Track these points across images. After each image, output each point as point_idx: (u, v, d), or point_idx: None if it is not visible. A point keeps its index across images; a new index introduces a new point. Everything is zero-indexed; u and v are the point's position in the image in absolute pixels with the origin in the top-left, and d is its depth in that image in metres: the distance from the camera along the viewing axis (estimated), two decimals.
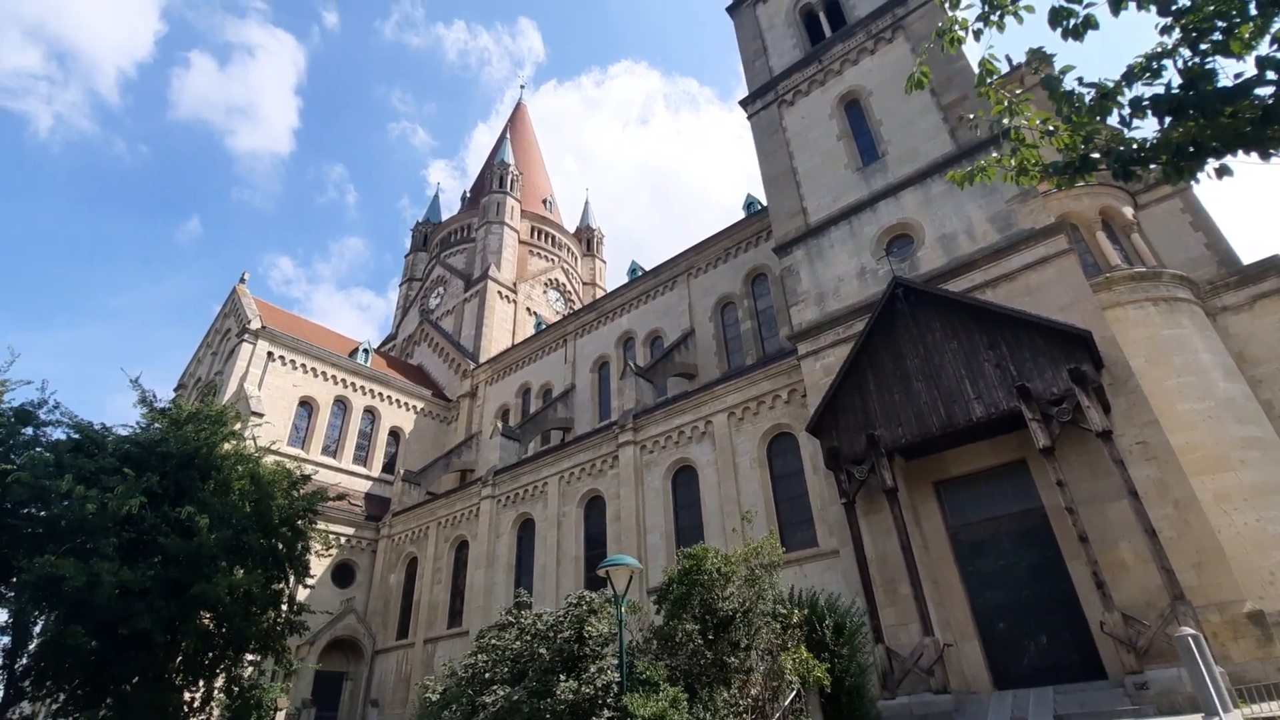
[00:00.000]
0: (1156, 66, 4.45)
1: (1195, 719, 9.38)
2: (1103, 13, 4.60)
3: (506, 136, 58.77)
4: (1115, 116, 4.71)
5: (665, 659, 10.16)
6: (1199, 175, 4.58)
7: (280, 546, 17.62)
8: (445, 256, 52.12)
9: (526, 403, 37.63)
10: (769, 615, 10.60)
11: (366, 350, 38.33)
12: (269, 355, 33.05)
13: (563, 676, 9.35)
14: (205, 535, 14.98)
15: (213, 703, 16.33)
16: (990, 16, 5.11)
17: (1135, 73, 4.52)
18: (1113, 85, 4.64)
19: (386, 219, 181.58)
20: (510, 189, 52.38)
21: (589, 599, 10.90)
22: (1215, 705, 8.96)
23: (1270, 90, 4.14)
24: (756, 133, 24.54)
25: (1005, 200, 17.13)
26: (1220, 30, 4.23)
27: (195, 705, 16.10)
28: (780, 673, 10.12)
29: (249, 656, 17.12)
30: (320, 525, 20.55)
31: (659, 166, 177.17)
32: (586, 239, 61.16)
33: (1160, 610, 11.60)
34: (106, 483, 14.68)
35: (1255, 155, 4.32)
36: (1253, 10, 4.23)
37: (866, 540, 15.22)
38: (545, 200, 58.17)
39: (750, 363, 26.42)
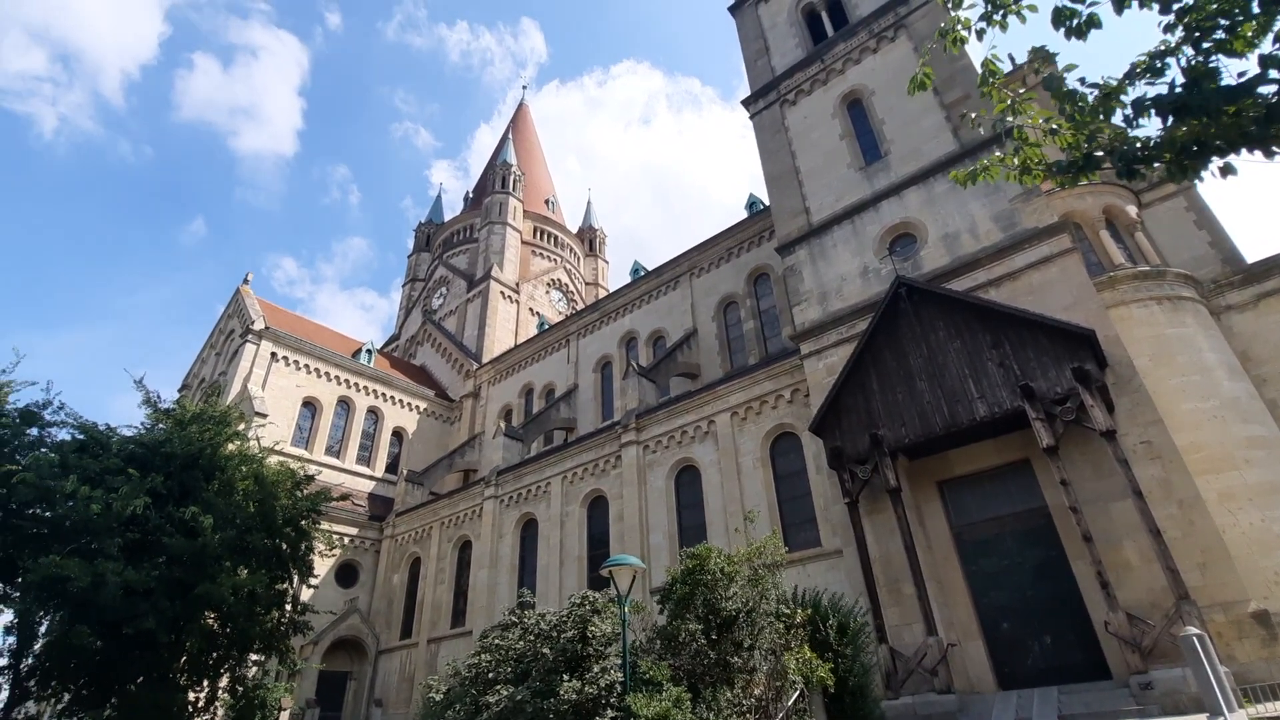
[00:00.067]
0: (1159, 65, 4.44)
1: (1200, 719, 9.36)
2: (1105, 11, 4.60)
3: (509, 137, 58.80)
4: (1119, 116, 4.70)
5: (669, 659, 10.16)
6: (1203, 174, 4.56)
7: (284, 547, 17.68)
8: (448, 257, 52.21)
9: (529, 403, 37.67)
10: (772, 615, 10.59)
11: (370, 351, 38.40)
12: (272, 356, 33.14)
13: (566, 676, 9.37)
14: (209, 535, 15.03)
15: (217, 702, 16.38)
16: (993, 16, 5.10)
17: (1138, 72, 4.51)
18: (1115, 84, 4.64)
19: (389, 219, 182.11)
20: (513, 189, 52.43)
21: (592, 599, 10.92)
22: (1220, 705, 8.93)
23: (1274, 89, 4.13)
24: (759, 132, 24.52)
25: (1008, 199, 17.09)
26: (1223, 29, 4.22)
27: (200, 705, 16.15)
28: (784, 673, 10.11)
29: (253, 656, 17.16)
30: (324, 525, 20.65)
31: (661, 166, 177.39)
32: (589, 239, 61.18)
33: (1165, 610, 11.57)
34: (111, 483, 14.74)
35: (1259, 153, 4.30)
36: (1255, 8, 4.22)
37: (870, 540, 15.21)
38: (548, 200, 58.22)
39: (753, 362, 26.41)
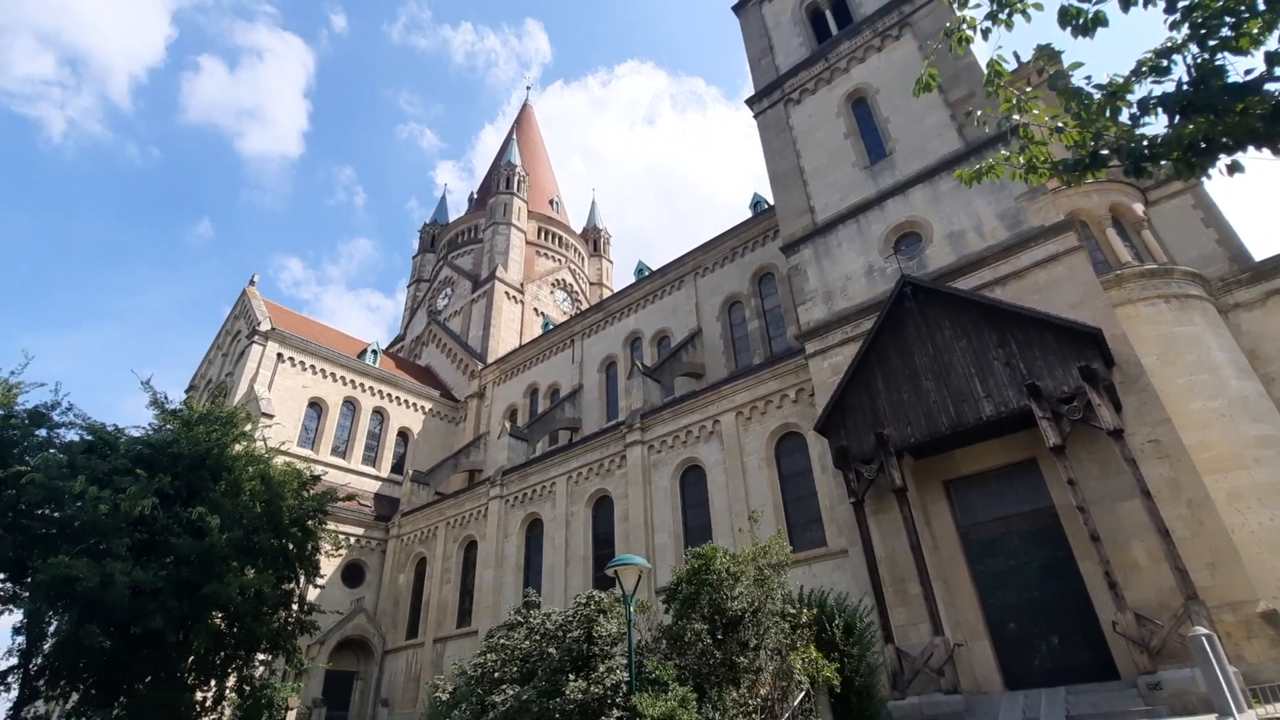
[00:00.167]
0: (1165, 63, 4.41)
1: (1209, 719, 9.31)
2: (1111, 9, 4.58)
3: (513, 137, 58.88)
4: (1125, 114, 4.68)
5: (674, 658, 10.14)
6: (1210, 171, 4.54)
7: (290, 547, 17.75)
8: (453, 257, 52.32)
9: (534, 403, 37.71)
10: (778, 615, 10.56)
11: (375, 351, 38.51)
12: (279, 356, 33.27)
13: (572, 676, 9.36)
14: (216, 535, 15.10)
15: (224, 702, 16.45)
16: (998, 15, 5.09)
17: (1144, 69, 4.49)
18: (1121, 82, 4.61)
19: (395, 220, 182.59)
20: (517, 190, 52.50)
21: (597, 599, 10.91)
22: (1229, 706, 8.89)
23: None
24: (763, 131, 24.49)
25: (1014, 197, 17.03)
26: (1229, 26, 4.20)
27: (207, 704, 16.22)
28: (789, 672, 10.09)
29: (260, 656, 17.22)
30: (330, 525, 20.72)
31: (666, 166, 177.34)
32: (593, 239, 61.21)
33: (1173, 610, 11.52)
34: (119, 484, 14.82)
35: (1267, 151, 4.28)
36: (1261, 5, 4.20)
37: (876, 540, 15.18)
38: (552, 201, 58.26)
39: (758, 362, 26.39)
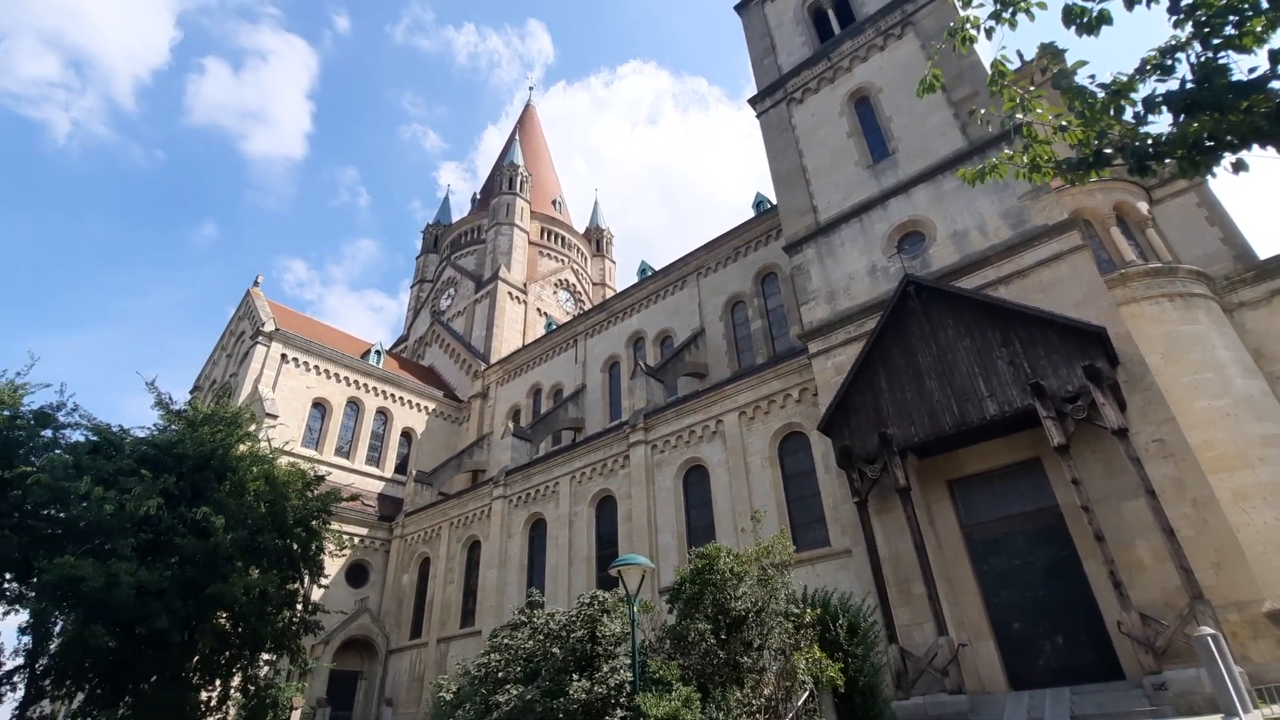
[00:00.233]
0: (1169, 62, 4.40)
1: (1215, 719, 9.28)
2: (1114, 7, 4.57)
3: (516, 138, 58.92)
4: (1129, 112, 4.67)
5: (678, 658, 10.14)
6: (1215, 169, 4.53)
7: (295, 547, 17.78)
8: (456, 258, 52.38)
9: (537, 403, 37.73)
10: (781, 615, 10.54)
11: (379, 352, 38.57)
12: (283, 357, 33.35)
13: (575, 676, 9.37)
14: (221, 536, 15.13)
15: (229, 702, 16.50)
16: (1002, 14, 5.07)
17: (1148, 68, 4.48)
18: (1125, 81, 4.60)
19: (398, 221, 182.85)
20: (520, 190, 52.54)
21: (601, 598, 10.91)
22: (1235, 706, 8.86)
23: None
24: (766, 131, 24.48)
25: (1018, 196, 16.99)
26: (1232, 24, 4.18)
27: (212, 704, 16.27)
28: (793, 672, 10.08)
29: (265, 656, 17.27)
30: (334, 525, 20.72)
31: (668, 166, 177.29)
32: (596, 239, 61.22)
33: (1179, 610, 11.48)
34: (124, 484, 14.86)
35: (1272, 149, 4.27)
36: (1264, 4, 4.18)
37: (879, 539, 15.17)
38: (555, 201, 58.29)
39: (761, 362, 26.37)
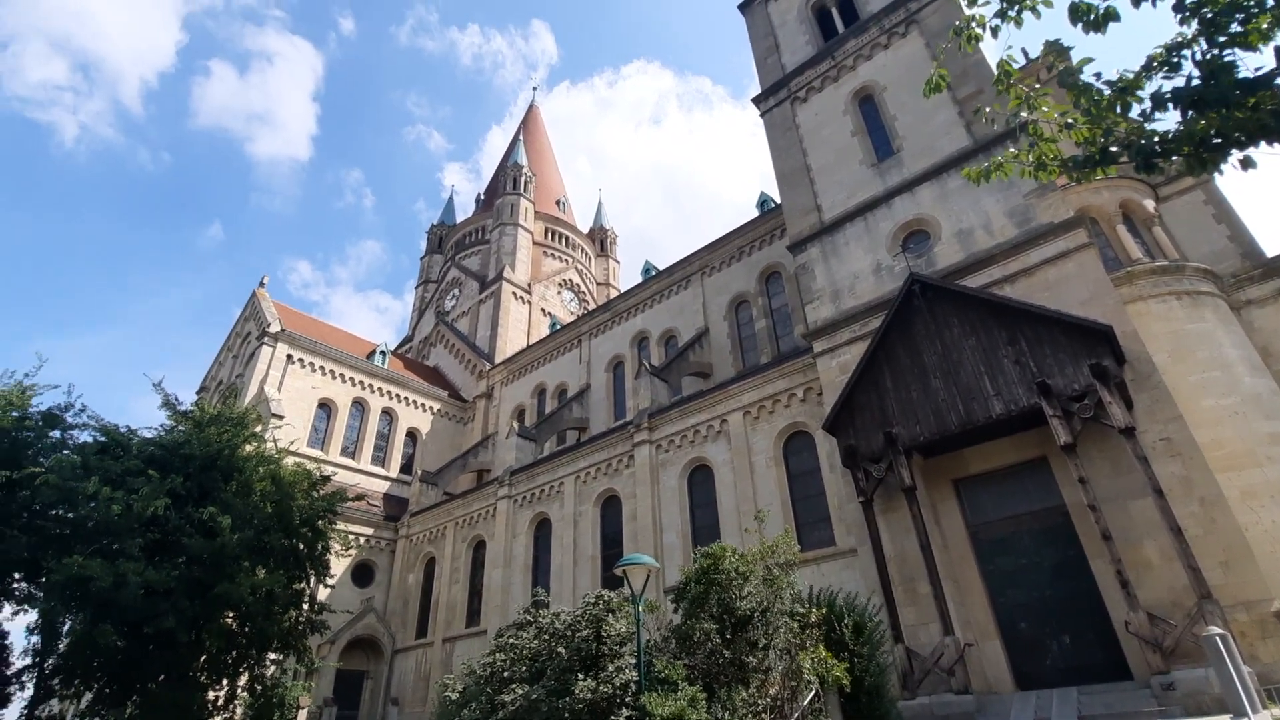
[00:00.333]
0: (1175, 59, 4.38)
1: (1224, 719, 9.23)
2: (1121, 4, 4.55)
3: (520, 138, 58.98)
4: (1135, 110, 4.65)
5: (683, 658, 10.14)
6: (1222, 167, 4.51)
7: (301, 547, 17.85)
8: (460, 258, 52.45)
9: (542, 403, 37.77)
10: (787, 614, 10.53)
11: (383, 352, 38.68)
12: (288, 358, 33.45)
13: (581, 675, 9.37)
14: (228, 536, 15.20)
15: (236, 701, 16.57)
16: (1008, 12, 5.06)
17: (1154, 65, 4.46)
18: (1131, 78, 4.58)
19: (403, 222, 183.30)
20: (524, 190, 52.59)
21: (606, 598, 10.92)
22: (1244, 706, 8.81)
23: None
24: (769, 130, 24.44)
25: (1023, 194, 16.92)
26: (1238, 22, 4.16)
27: (219, 704, 16.34)
28: (799, 672, 10.06)
29: (271, 655, 17.34)
30: (340, 525, 20.80)
31: (672, 166, 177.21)
32: (600, 239, 61.23)
33: (1186, 609, 11.42)
34: (132, 484, 14.95)
35: (1279, 146, 4.25)
36: (1270, 1, 4.16)
37: (885, 539, 15.13)
38: (559, 201, 58.32)
39: (765, 361, 26.32)
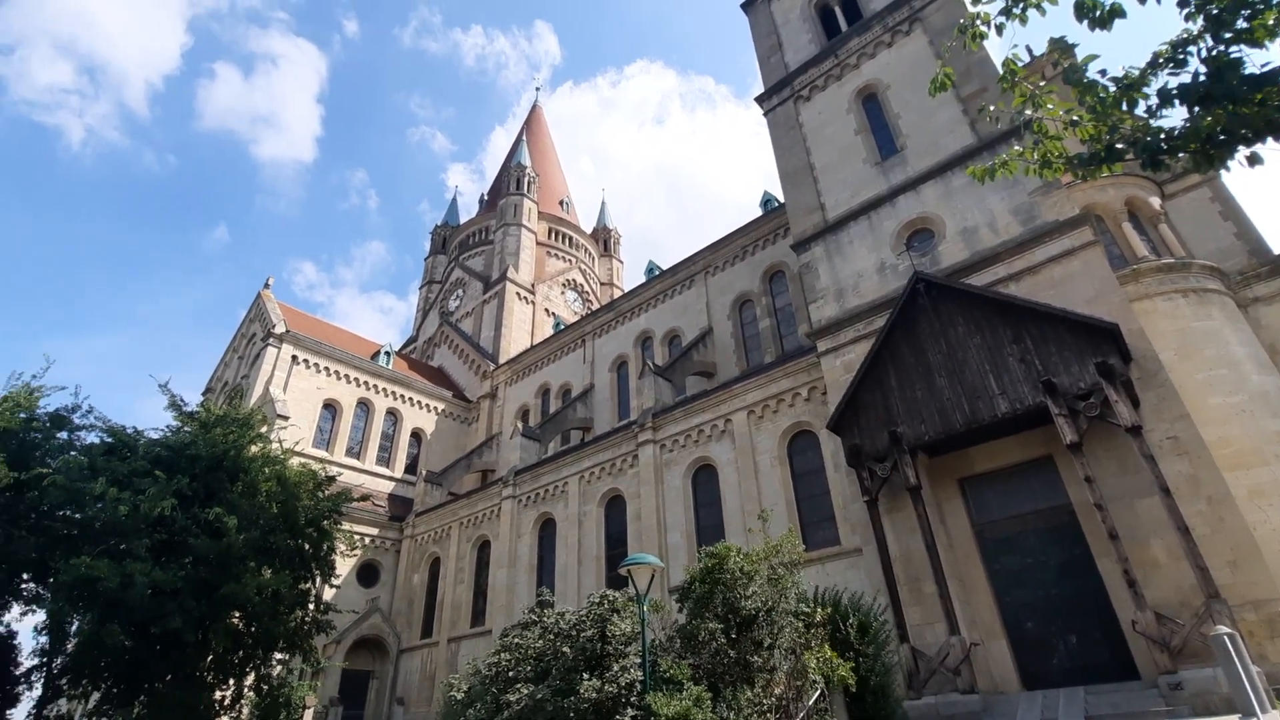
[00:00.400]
0: (1181, 55, 4.35)
1: (1232, 719, 9.18)
2: (1127, 0, 4.52)
3: (523, 139, 59.03)
4: (1141, 106, 4.62)
5: (688, 658, 10.14)
6: (1229, 163, 4.48)
7: (306, 547, 17.90)
8: (464, 259, 52.52)
9: (546, 403, 37.80)
10: (792, 614, 10.52)
11: (388, 353, 38.76)
12: (293, 359, 33.55)
13: (586, 675, 9.38)
14: (234, 536, 15.26)
15: (242, 701, 16.63)
16: (1013, 9, 5.03)
17: (1160, 62, 4.43)
18: (1137, 75, 4.56)
19: (407, 223, 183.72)
20: (527, 191, 52.62)
21: (611, 598, 10.92)
22: (1252, 706, 8.75)
23: None
24: (773, 129, 24.41)
25: (1028, 192, 16.86)
26: (1244, 18, 4.13)
27: (225, 703, 16.40)
28: (804, 672, 10.05)
29: (277, 655, 17.39)
30: (345, 526, 20.89)
31: (675, 166, 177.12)
32: (603, 239, 61.24)
33: (1194, 609, 11.36)
34: (138, 485, 15.00)
35: None
36: None
37: (890, 538, 15.09)
38: (562, 201, 58.35)
39: (769, 361, 26.29)
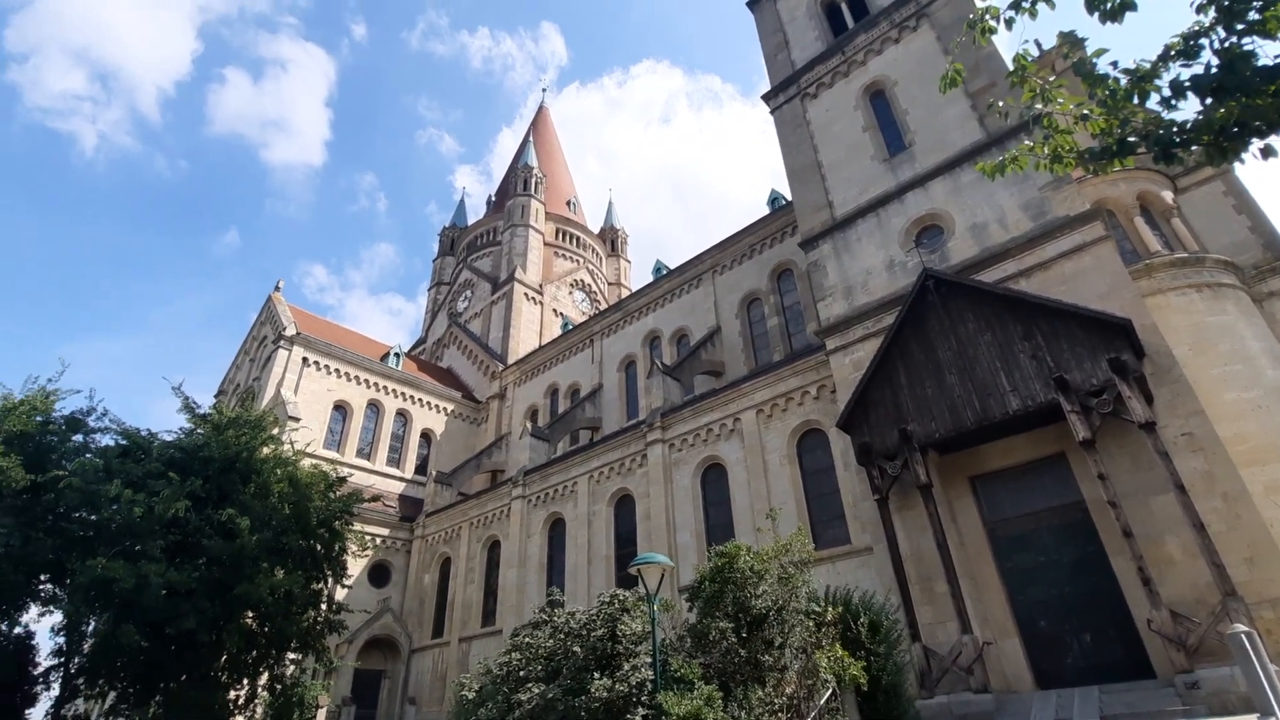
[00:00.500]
0: (1193, 47, 4.30)
1: (1250, 719, 9.08)
2: None
3: (530, 140, 59.11)
4: (1153, 99, 4.57)
5: (699, 657, 10.13)
6: (1243, 156, 4.43)
7: (318, 547, 18.04)
8: (472, 260, 52.67)
9: (555, 403, 37.85)
10: (803, 613, 10.48)
11: (397, 354, 38.93)
12: (304, 361, 33.77)
13: (597, 674, 9.38)
14: (247, 537, 15.39)
15: (256, 700, 16.78)
16: (1022, 4, 4.99)
17: (1171, 54, 4.38)
18: (1149, 68, 4.51)
19: (415, 225, 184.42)
20: (534, 192, 52.71)
21: (621, 597, 10.92)
22: (1271, 705, 8.64)
23: None
24: (779, 127, 24.33)
25: (1038, 187, 16.72)
26: (1256, 10, 4.07)
27: (240, 703, 16.56)
28: (815, 671, 10.02)
29: (290, 655, 17.54)
30: (356, 526, 20.98)
31: (682, 165, 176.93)
32: (610, 239, 61.25)
33: (1210, 607, 11.25)
34: (153, 487, 15.17)
35: None
36: None
37: (901, 537, 15.02)
38: (569, 202, 58.41)
39: (778, 359, 26.22)
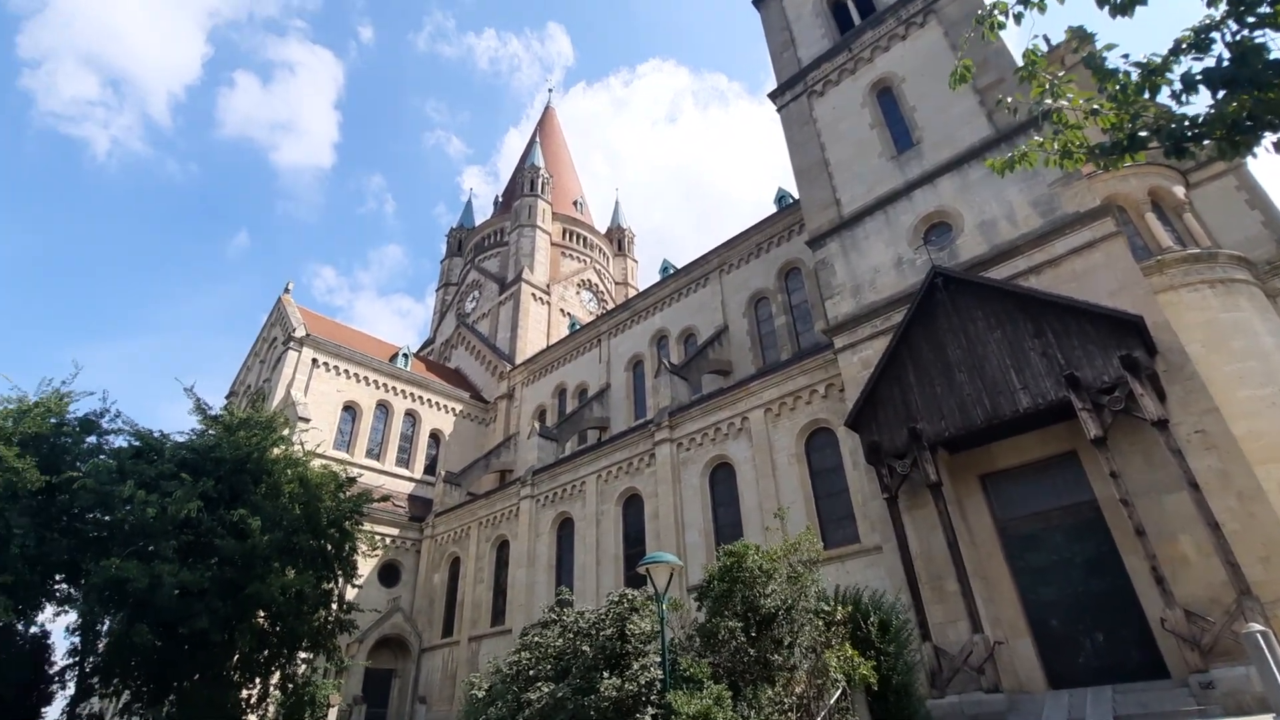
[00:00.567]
0: (1204, 40, 4.26)
1: (1266, 719, 8.99)
2: None
3: (536, 140, 59.24)
4: (1164, 93, 4.53)
5: (708, 656, 10.12)
6: (1255, 150, 4.39)
7: (329, 547, 18.15)
8: (479, 261, 52.84)
9: (563, 403, 37.92)
10: (812, 612, 10.46)
11: (406, 355, 39.12)
12: (314, 362, 33.98)
13: (606, 674, 9.39)
14: (258, 537, 15.52)
15: (269, 699, 16.91)
16: None
17: (1183, 47, 4.34)
18: (1160, 61, 4.47)
19: (423, 226, 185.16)
20: (541, 192, 52.82)
21: (630, 597, 10.92)
22: None
23: None
24: (786, 125, 24.26)
25: (1048, 184, 16.60)
26: (1268, 2, 4.03)
27: (252, 702, 16.69)
28: (825, 670, 9.99)
29: (302, 654, 17.67)
30: (366, 526, 21.09)
31: (688, 164, 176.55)
32: (617, 239, 61.30)
33: (1225, 606, 11.14)
34: (165, 487, 15.32)
35: None
36: None
37: (910, 536, 14.96)
38: (576, 202, 58.48)
39: (786, 358, 26.16)
